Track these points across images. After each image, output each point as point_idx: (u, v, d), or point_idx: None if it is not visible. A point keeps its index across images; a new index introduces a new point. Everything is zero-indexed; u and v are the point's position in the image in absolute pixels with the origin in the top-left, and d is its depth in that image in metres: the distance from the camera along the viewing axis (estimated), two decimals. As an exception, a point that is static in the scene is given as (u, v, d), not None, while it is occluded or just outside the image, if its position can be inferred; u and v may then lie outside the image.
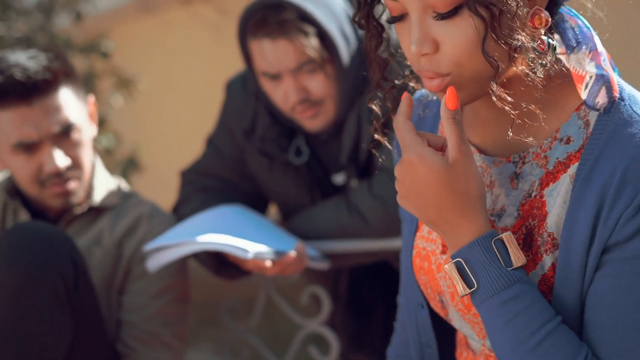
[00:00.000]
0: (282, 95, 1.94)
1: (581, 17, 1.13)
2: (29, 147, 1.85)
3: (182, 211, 2.05)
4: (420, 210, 1.11)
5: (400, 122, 1.11)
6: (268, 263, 1.79)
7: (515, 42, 1.02)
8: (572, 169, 1.09)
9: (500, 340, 1.08)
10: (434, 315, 1.28)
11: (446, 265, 1.10)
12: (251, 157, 2.06)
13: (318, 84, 1.91)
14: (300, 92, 1.91)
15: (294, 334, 4.31)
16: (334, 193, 2.06)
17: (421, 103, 1.32)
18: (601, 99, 1.08)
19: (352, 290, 2.23)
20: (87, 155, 1.91)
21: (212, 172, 2.11)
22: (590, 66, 1.09)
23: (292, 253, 1.81)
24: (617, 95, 1.09)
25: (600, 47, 1.11)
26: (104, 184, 1.99)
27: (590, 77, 1.09)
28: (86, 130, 1.91)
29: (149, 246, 1.80)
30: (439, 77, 1.07)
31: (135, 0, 5.48)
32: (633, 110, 1.07)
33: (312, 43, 1.87)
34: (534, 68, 1.06)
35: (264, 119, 2.02)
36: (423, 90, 1.33)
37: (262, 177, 2.07)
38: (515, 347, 1.06)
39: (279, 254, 1.80)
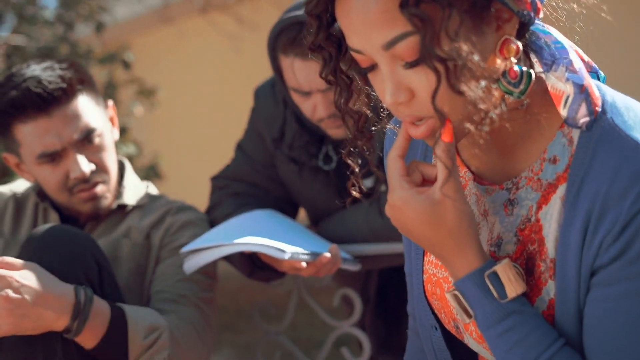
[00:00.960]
0: (311, 108, 1.96)
1: (554, 33, 1.11)
2: (53, 157, 1.88)
3: (214, 215, 2.09)
4: (416, 242, 1.13)
5: (390, 160, 1.12)
6: (303, 264, 1.83)
7: (472, 92, 1.01)
8: (561, 190, 1.09)
9: None
10: (449, 334, 1.28)
11: (447, 295, 1.13)
12: (281, 163, 2.10)
13: None
14: (329, 107, 1.93)
15: (319, 337, 4.34)
16: (363, 198, 2.09)
17: None
18: (581, 116, 1.06)
19: (380, 293, 2.26)
20: (111, 159, 1.95)
21: (242, 178, 2.15)
22: (568, 83, 1.07)
23: (327, 254, 1.85)
24: (598, 109, 1.07)
25: (577, 62, 1.09)
26: (133, 184, 2.05)
27: (569, 95, 1.07)
28: (108, 134, 1.95)
29: (186, 248, 1.84)
30: (422, 121, 1.06)
31: (153, 10, 5.53)
32: (614, 122, 1.06)
33: None
34: (505, 100, 1.06)
35: (292, 126, 2.05)
36: None
37: (292, 183, 2.11)
38: None
39: (314, 255, 1.84)
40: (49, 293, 1.58)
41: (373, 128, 1.18)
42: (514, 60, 1.06)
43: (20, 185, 2.10)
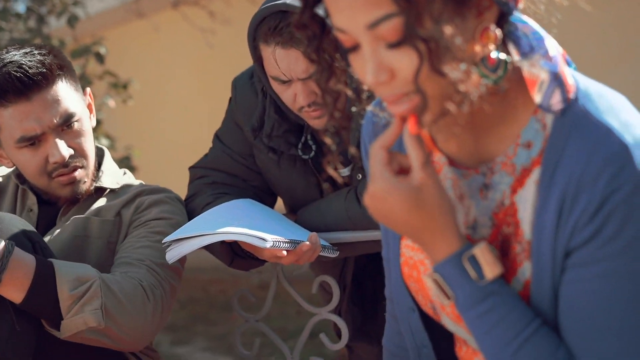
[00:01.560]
0: (291, 97, 1.99)
1: (532, 23, 1.15)
2: (32, 141, 1.91)
3: (193, 205, 2.12)
4: (395, 230, 1.17)
5: (374, 150, 1.15)
6: (284, 252, 1.87)
7: (452, 73, 1.04)
8: (536, 174, 1.13)
9: (483, 347, 1.14)
10: (426, 316, 1.32)
11: (425, 279, 1.17)
12: (259, 152, 2.13)
13: None
14: (309, 96, 1.95)
15: (292, 327, 4.36)
16: (341, 187, 2.13)
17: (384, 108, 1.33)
18: (556, 101, 1.11)
19: (356, 280, 2.31)
20: (90, 144, 1.98)
21: (221, 168, 2.18)
22: (543, 69, 1.12)
23: (307, 242, 1.89)
24: (571, 95, 1.11)
25: (552, 51, 1.13)
26: (111, 170, 2.09)
27: (543, 80, 1.11)
28: (86, 120, 1.98)
29: (168, 238, 1.87)
30: (403, 98, 1.09)
31: (126, 3, 5.52)
32: (586, 109, 1.10)
33: None
34: (480, 86, 1.10)
35: (272, 116, 2.08)
36: None
37: (270, 172, 2.14)
38: (497, 354, 1.12)
39: (294, 244, 1.88)
40: None
41: (353, 108, 1.22)
42: (492, 47, 1.10)
43: (1, 170, 2.14)
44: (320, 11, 1.15)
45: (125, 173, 2.15)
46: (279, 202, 2.28)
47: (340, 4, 1.06)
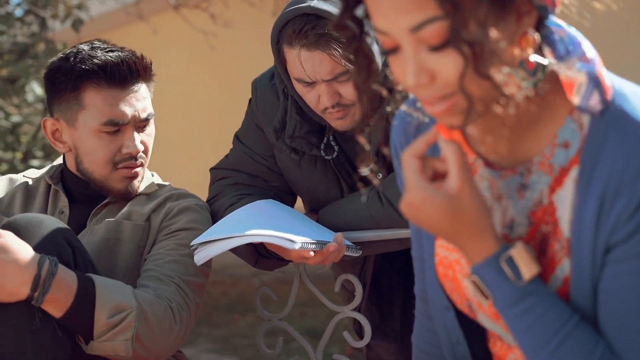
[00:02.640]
0: (315, 98, 2.01)
1: (568, 27, 1.17)
2: (117, 127, 2.00)
3: (216, 206, 2.15)
4: (433, 234, 1.20)
5: (406, 159, 1.17)
6: (311, 253, 1.89)
7: (497, 76, 1.06)
8: (574, 173, 1.16)
9: (523, 345, 1.17)
10: (461, 313, 1.34)
11: (465, 280, 1.19)
12: (280, 153, 2.15)
13: (350, 91, 1.97)
14: (333, 97, 1.98)
15: (312, 325, 4.36)
16: (362, 184, 2.16)
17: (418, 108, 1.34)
18: (594, 102, 1.13)
19: (373, 279, 2.33)
20: (151, 149, 2.08)
21: (242, 169, 2.20)
22: (581, 72, 1.14)
23: (333, 243, 1.91)
24: (609, 97, 1.13)
25: (590, 53, 1.16)
26: (145, 175, 2.13)
27: (581, 82, 1.14)
28: (153, 125, 2.09)
29: (197, 240, 1.89)
30: (443, 99, 1.10)
31: (127, 6, 5.53)
32: (623, 108, 1.13)
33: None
34: (522, 89, 1.11)
35: (293, 117, 2.10)
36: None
37: (292, 173, 2.17)
38: (536, 352, 1.15)
39: (321, 244, 1.90)
40: (11, 263, 1.66)
41: (387, 108, 1.23)
42: (530, 51, 1.12)
43: (32, 172, 2.18)
44: (359, 12, 1.16)
45: (153, 175, 2.18)
46: (299, 201, 2.30)
47: (383, 5, 1.08)
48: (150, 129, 2.08)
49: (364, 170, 2.15)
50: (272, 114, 2.14)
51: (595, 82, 1.13)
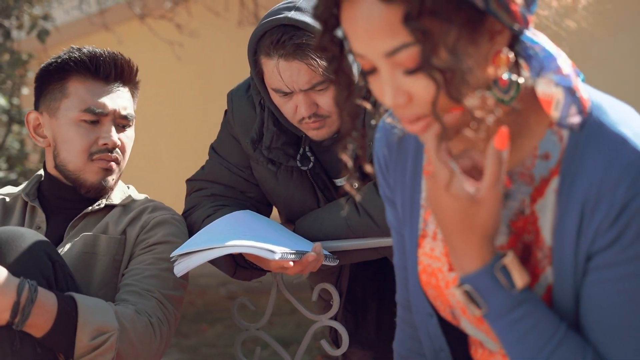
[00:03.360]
0: (292, 109, 2.03)
1: (542, 41, 1.19)
2: (97, 118, 2.05)
3: (193, 217, 2.16)
4: (436, 218, 1.20)
5: (430, 138, 1.16)
6: (291, 263, 1.91)
7: (468, 101, 1.09)
8: (554, 183, 1.18)
9: (513, 354, 1.18)
10: (444, 320, 1.36)
11: (455, 291, 1.19)
12: (257, 164, 2.17)
13: (328, 101, 2.01)
14: (310, 107, 2.00)
15: (282, 333, 4.36)
16: (337, 196, 2.19)
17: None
18: (572, 116, 1.16)
19: (348, 288, 2.36)
20: (129, 152, 2.13)
21: (219, 180, 2.21)
22: (558, 87, 1.16)
23: (312, 253, 1.94)
24: (587, 110, 1.16)
25: (565, 67, 1.18)
26: (119, 187, 2.17)
27: (559, 99, 1.16)
28: (133, 131, 2.14)
29: (176, 252, 1.90)
30: (419, 119, 1.14)
31: (92, 15, 5.50)
32: (601, 120, 1.15)
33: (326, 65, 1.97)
34: (494, 111, 1.13)
35: (270, 128, 2.11)
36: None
37: (268, 183, 2.18)
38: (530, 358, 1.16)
39: (300, 254, 1.92)
40: None
41: (372, 122, 1.26)
42: (504, 69, 1.15)
43: (8, 189, 2.20)
44: (339, 33, 1.19)
45: (129, 187, 2.20)
46: (274, 212, 2.32)
47: (358, 31, 1.11)
48: (130, 132, 2.13)
49: (340, 181, 2.18)
50: (248, 126, 2.16)
51: (572, 97, 1.16)
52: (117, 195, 2.13)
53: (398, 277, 1.45)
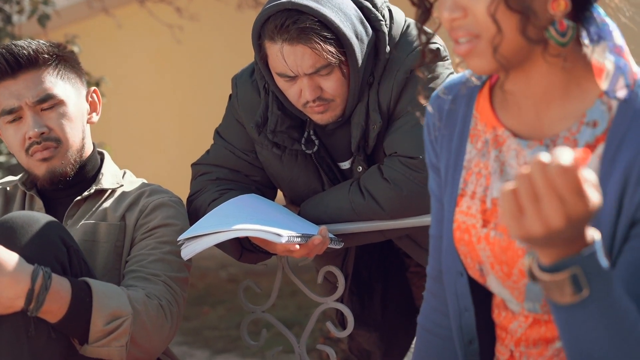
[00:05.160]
0: (296, 93, 2.04)
1: (608, 17, 1.25)
2: (13, 117, 2.04)
3: (199, 201, 2.17)
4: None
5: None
6: (297, 246, 1.93)
7: (527, 9, 1.16)
8: (599, 150, 1.23)
9: (600, 339, 1.10)
10: (471, 282, 1.39)
11: (554, 277, 1.08)
12: (262, 148, 2.18)
13: (332, 84, 2.02)
14: (315, 91, 2.01)
15: (284, 315, 4.37)
16: (341, 179, 2.20)
17: (451, 93, 1.42)
18: (620, 89, 1.21)
19: (353, 270, 2.38)
20: (72, 130, 2.08)
21: (224, 164, 2.22)
22: (609, 59, 1.22)
23: (318, 236, 1.96)
24: (634, 83, 1.22)
25: (619, 41, 1.24)
26: (111, 172, 2.16)
27: (609, 69, 1.22)
28: (74, 108, 2.09)
29: (184, 235, 1.92)
30: (470, 39, 1.21)
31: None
32: None
33: (330, 48, 1.97)
34: (552, 45, 1.20)
35: (275, 112, 2.12)
36: (451, 80, 1.45)
37: (273, 167, 2.20)
38: (622, 341, 1.10)
39: (306, 237, 1.94)
40: (3, 277, 1.68)
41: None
42: (560, 14, 1.19)
43: (10, 178, 2.23)
44: None
45: (125, 173, 2.21)
46: (279, 195, 2.33)
47: None
48: (62, 108, 2.07)
49: (344, 164, 2.20)
50: (253, 110, 2.17)
51: (622, 70, 1.21)
52: (108, 180, 2.13)
53: (432, 246, 1.48)
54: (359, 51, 2.03)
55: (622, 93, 1.22)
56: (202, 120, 2.13)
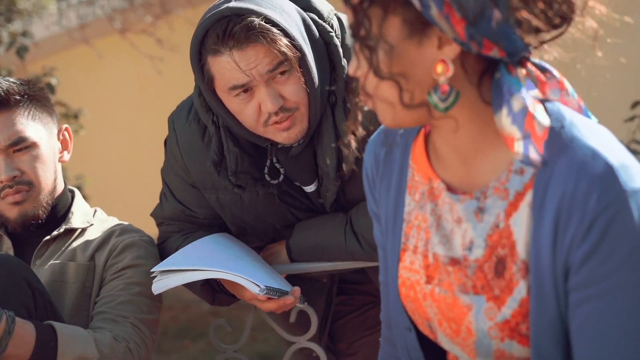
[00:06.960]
0: (255, 110, 1.86)
1: (518, 81, 1.18)
2: None
3: (166, 249, 2.12)
4: None
5: None
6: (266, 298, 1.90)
7: (397, 77, 1.16)
8: (529, 197, 1.20)
9: None
10: (422, 334, 1.37)
11: None
12: (218, 192, 2.04)
13: (292, 89, 1.85)
14: (276, 100, 1.83)
15: (265, 349, 4.32)
16: (308, 203, 2.07)
17: (386, 140, 1.40)
18: (533, 156, 1.17)
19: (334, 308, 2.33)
20: (44, 172, 2.05)
21: (180, 219, 2.13)
22: (513, 127, 1.17)
23: (291, 297, 1.94)
24: (543, 145, 1.17)
25: (523, 101, 1.17)
26: (81, 211, 2.13)
27: (518, 138, 1.17)
28: (46, 150, 2.06)
29: (157, 267, 1.89)
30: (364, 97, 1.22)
31: (71, 30, 5.48)
32: (573, 134, 1.17)
33: (284, 40, 1.81)
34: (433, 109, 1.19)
35: (232, 150, 1.96)
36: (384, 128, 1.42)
37: (234, 208, 2.05)
38: None
39: (280, 293, 1.92)
40: None
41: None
42: (442, 78, 1.16)
43: None
44: None
45: (96, 211, 2.18)
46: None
47: None
48: (34, 151, 2.04)
49: (310, 187, 2.10)
50: (196, 155, 2.02)
51: (528, 139, 1.17)
52: (78, 219, 2.11)
53: (382, 294, 1.46)
54: (308, 51, 1.88)
55: (536, 160, 1.17)
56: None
